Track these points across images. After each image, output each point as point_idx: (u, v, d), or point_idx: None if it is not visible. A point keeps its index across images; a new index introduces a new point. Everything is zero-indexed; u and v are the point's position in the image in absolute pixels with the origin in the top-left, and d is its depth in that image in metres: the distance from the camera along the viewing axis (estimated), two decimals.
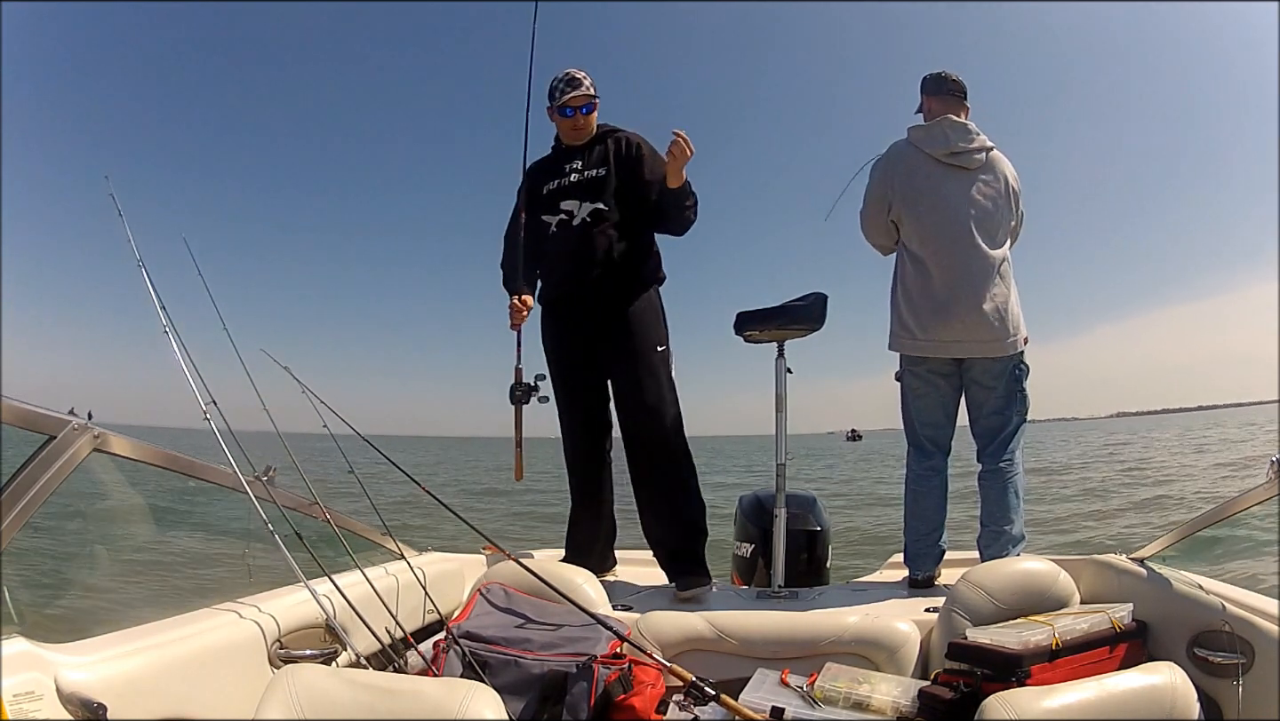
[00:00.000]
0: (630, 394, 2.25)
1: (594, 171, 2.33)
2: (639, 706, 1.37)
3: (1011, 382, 2.25)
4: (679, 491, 2.24)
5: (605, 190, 2.28)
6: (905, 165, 2.30)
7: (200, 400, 1.46)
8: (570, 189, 2.31)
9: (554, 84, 2.31)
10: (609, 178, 2.31)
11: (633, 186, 2.29)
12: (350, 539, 1.67)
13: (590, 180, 2.31)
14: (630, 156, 2.33)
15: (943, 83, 2.35)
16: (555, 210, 2.31)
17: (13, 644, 0.98)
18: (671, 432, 2.24)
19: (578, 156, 2.35)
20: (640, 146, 2.35)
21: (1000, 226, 2.27)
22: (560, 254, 2.31)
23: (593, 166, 2.34)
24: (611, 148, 2.34)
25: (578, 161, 2.35)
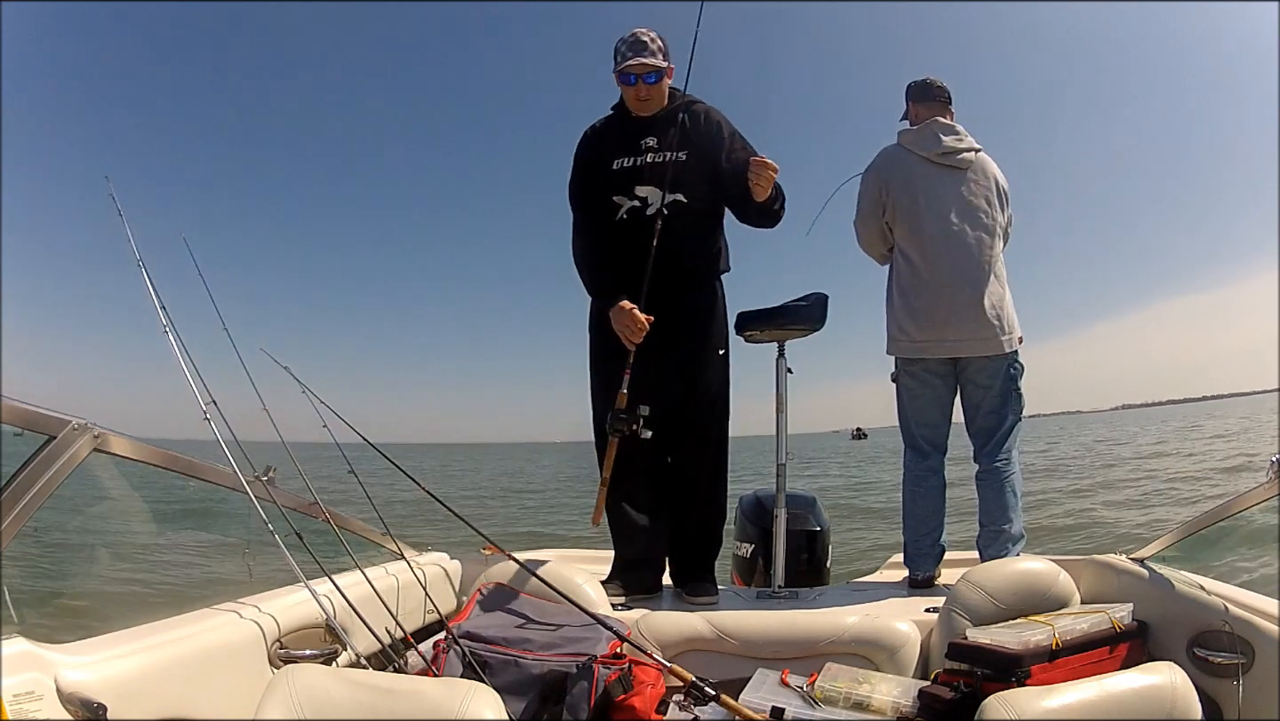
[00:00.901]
0: (683, 395, 2.08)
1: (674, 155, 2.08)
2: (639, 706, 1.37)
3: (1007, 382, 2.27)
4: (709, 504, 2.13)
5: (686, 178, 2.06)
6: (899, 168, 2.33)
7: (200, 400, 1.46)
8: (647, 171, 2.08)
9: (618, 45, 2.06)
10: (690, 163, 2.08)
11: (713, 173, 2.08)
12: (350, 539, 1.67)
13: (670, 165, 2.07)
14: (712, 138, 2.10)
15: (928, 89, 2.40)
16: (628, 193, 2.08)
17: (13, 644, 0.98)
18: (715, 443, 2.12)
19: (652, 132, 2.10)
20: (721, 126, 2.12)
21: (994, 224, 2.30)
22: (630, 243, 2.06)
23: (671, 147, 2.08)
24: (690, 125, 2.10)
25: (652, 139, 2.10)
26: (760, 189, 1.98)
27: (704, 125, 2.11)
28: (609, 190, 2.11)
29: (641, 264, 1.98)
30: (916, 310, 2.27)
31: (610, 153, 2.11)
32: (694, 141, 2.09)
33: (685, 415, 2.08)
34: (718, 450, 2.13)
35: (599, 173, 2.12)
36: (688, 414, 2.09)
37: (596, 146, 2.15)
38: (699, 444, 2.10)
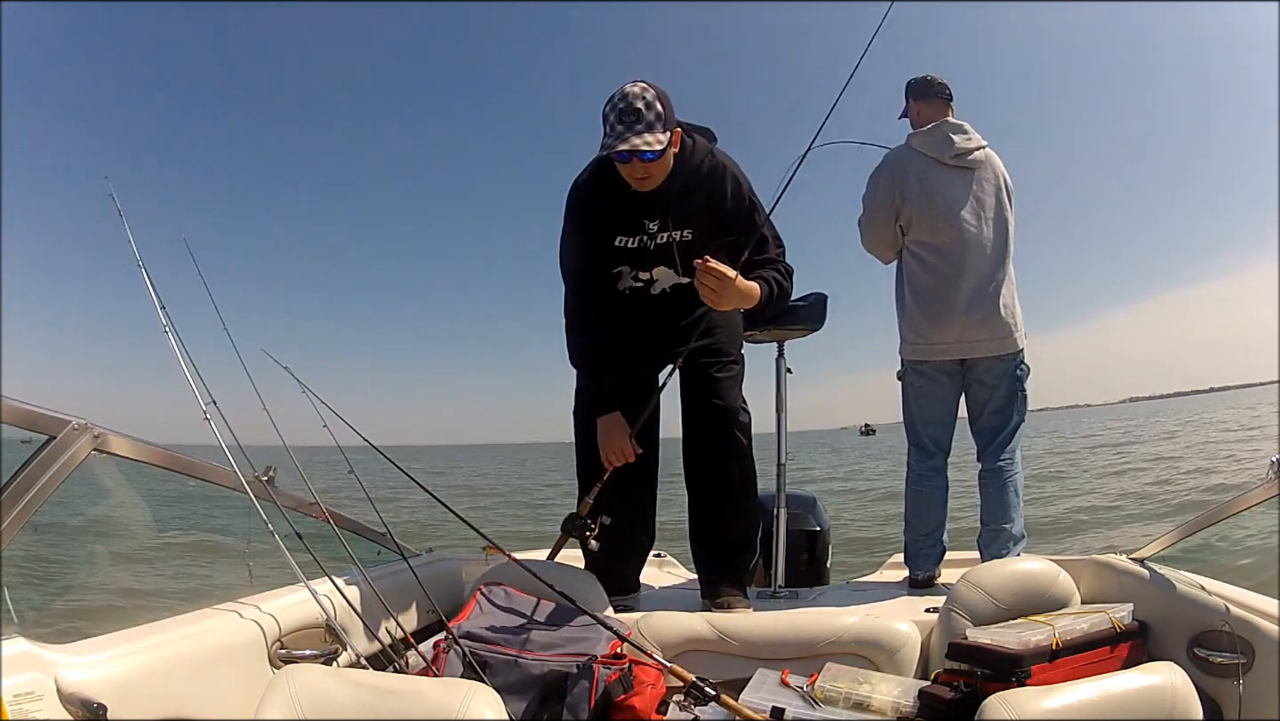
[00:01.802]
0: (701, 392, 1.95)
1: (679, 234, 1.84)
2: (639, 706, 1.37)
3: (1013, 382, 2.28)
4: (748, 514, 2.04)
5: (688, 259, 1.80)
6: (912, 172, 2.31)
7: (200, 400, 1.46)
8: (650, 255, 1.87)
9: (606, 111, 1.67)
10: (697, 241, 1.83)
11: (726, 247, 1.80)
12: (350, 539, 1.67)
13: (675, 246, 1.85)
14: (722, 210, 1.82)
15: (930, 86, 2.38)
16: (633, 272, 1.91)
17: (13, 644, 0.98)
18: (742, 454, 1.98)
19: (653, 211, 1.82)
20: (732, 195, 1.82)
21: (1006, 222, 2.30)
22: (632, 314, 1.94)
23: (677, 225, 1.83)
24: (704, 200, 1.81)
25: (654, 222, 1.83)
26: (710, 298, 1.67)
27: (713, 196, 1.82)
28: (610, 263, 1.91)
29: (650, 333, 1.88)
30: (935, 314, 2.27)
31: (609, 224, 1.86)
32: (702, 215, 1.83)
33: (709, 430, 1.95)
34: (746, 460, 2.01)
35: (599, 244, 1.88)
36: (712, 429, 1.95)
37: (594, 211, 1.86)
38: (728, 457, 1.97)
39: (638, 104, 1.63)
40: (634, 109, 1.63)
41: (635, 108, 1.63)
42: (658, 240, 1.86)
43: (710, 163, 1.81)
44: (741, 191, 1.83)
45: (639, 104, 1.63)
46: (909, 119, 2.42)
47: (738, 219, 1.83)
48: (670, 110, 1.69)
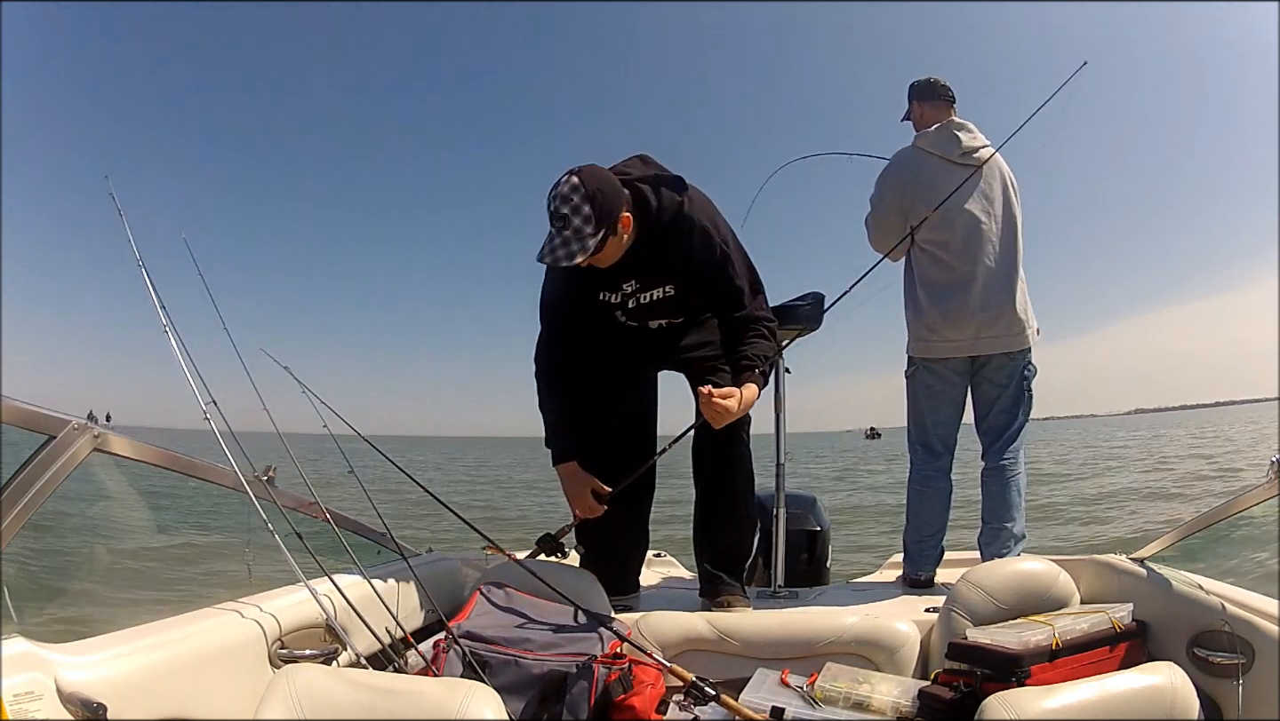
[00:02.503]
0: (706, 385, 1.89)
1: (659, 291, 1.85)
2: (639, 706, 1.37)
3: (1021, 382, 2.29)
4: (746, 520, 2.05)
5: (678, 308, 1.88)
6: (922, 172, 2.32)
7: (200, 400, 1.46)
8: (633, 310, 1.89)
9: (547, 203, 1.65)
10: (679, 295, 1.85)
11: (709, 290, 1.83)
12: (350, 539, 1.67)
13: (655, 304, 1.86)
14: (699, 262, 1.79)
15: (933, 88, 2.40)
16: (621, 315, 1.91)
17: (13, 644, 0.98)
18: (742, 459, 1.98)
19: (629, 272, 1.82)
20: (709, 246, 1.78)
21: (1015, 218, 2.31)
22: (628, 341, 1.94)
23: (653, 285, 1.84)
24: (674, 257, 1.78)
25: (631, 282, 1.84)
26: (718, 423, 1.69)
27: (682, 251, 1.78)
28: (591, 315, 1.91)
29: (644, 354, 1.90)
30: (950, 310, 2.26)
31: (591, 288, 1.85)
32: (676, 271, 1.82)
33: (719, 440, 1.90)
34: (745, 465, 2.00)
35: (581, 295, 1.86)
36: (721, 439, 1.90)
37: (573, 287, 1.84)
38: (729, 464, 1.96)
39: (564, 209, 1.61)
40: (560, 215, 1.61)
41: (562, 213, 1.61)
42: (640, 299, 1.87)
43: (678, 218, 1.76)
44: (712, 243, 1.78)
45: (565, 209, 1.61)
46: (912, 121, 2.44)
47: (712, 270, 1.80)
48: (606, 203, 1.63)
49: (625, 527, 2.07)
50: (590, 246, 1.63)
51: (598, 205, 1.61)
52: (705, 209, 1.81)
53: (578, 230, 1.61)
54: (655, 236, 1.75)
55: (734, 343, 1.82)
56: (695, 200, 1.80)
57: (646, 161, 1.83)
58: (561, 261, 1.63)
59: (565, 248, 1.62)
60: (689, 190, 1.80)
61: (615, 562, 2.05)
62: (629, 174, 1.76)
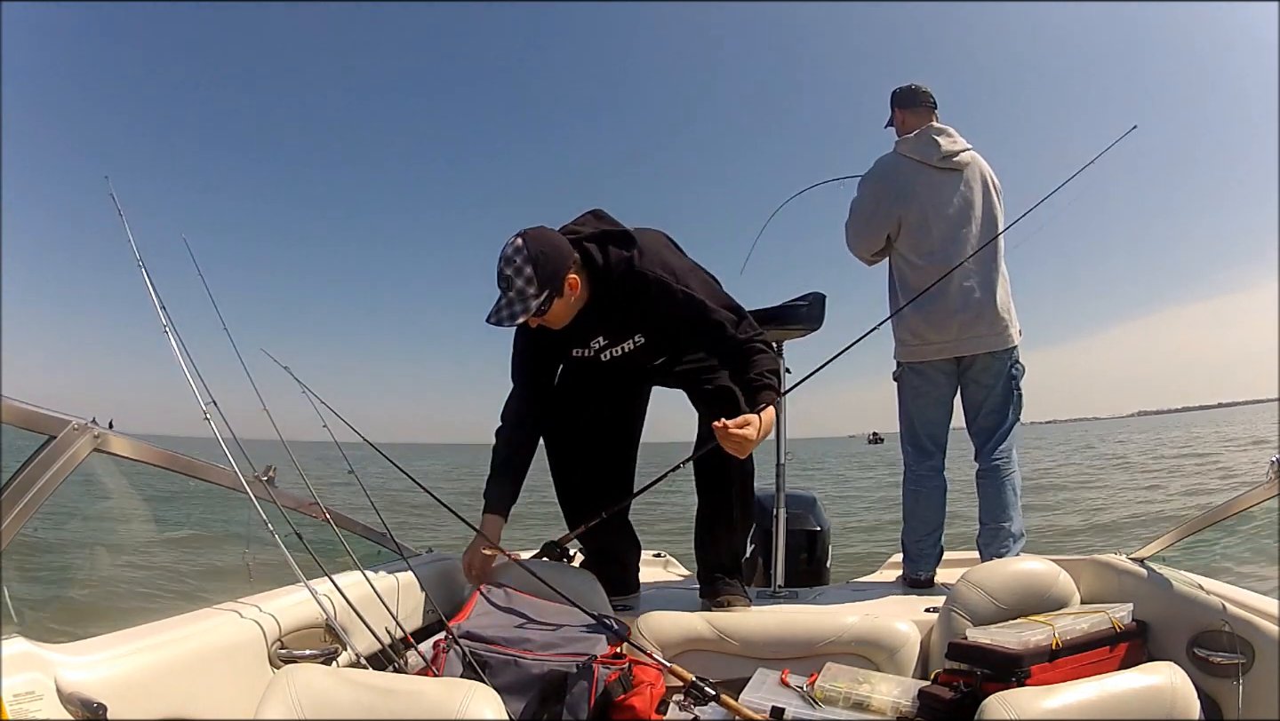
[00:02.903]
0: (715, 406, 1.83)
1: (628, 345, 1.85)
2: (639, 706, 1.37)
3: (1009, 382, 2.30)
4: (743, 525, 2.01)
5: (654, 353, 1.88)
6: (903, 177, 2.34)
7: (200, 400, 1.46)
8: (610, 364, 1.90)
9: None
10: (650, 343, 1.85)
11: (684, 331, 1.81)
12: (350, 539, 1.67)
13: (629, 354, 1.87)
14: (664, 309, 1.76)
15: (915, 95, 2.43)
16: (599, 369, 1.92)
17: (13, 644, 0.98)
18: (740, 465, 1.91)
19: (596, 328, 1.83)
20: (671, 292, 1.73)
21: (996, 220, 2.33)
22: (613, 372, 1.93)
23: (622, 339, 1.85)
24: (635, 313, 1.79)
25: (599, 338, 1.85)
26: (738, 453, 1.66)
27: (640, 307, 1.77)
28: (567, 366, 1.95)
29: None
30: (930, 313, 2.28)
31: (560, 346, 1.88)
32: (645, 322, 1.82)
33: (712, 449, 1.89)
34: (747, 475, 1.97)
35: (550, 353, 1.90)
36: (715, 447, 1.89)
37: (540, 347, 1.87)
38: (731, 476, 1.92)
39: (508, 271, 1.63)
40: (504, 276, 1.63)
41: (505, 275, 1.63)
42: (611, 352, 1.87)
43: (629, 275, 1.74)
44: (671, 292, 1.74)
45: (509, 271, 1.63)
46: (894, 127, 2.47)
47: (681, 316, 1.77)
48: (549, 264, 1.64)
49: (620, 528, 2.09)
50: (533, 307, 1.64)
51: (540, 267, 1.63)
52: (657, 259, 1.76)
53: (521, 291, 1.63)
54: (609, 294, 1.75)
55: (737, 370, 1.78)
56: (646, 252, 1.76)
57: (600, 217, 1.81)
58: (505, 323, 1.65)
59: (509, 309, 1.64)
60: (638, 244, 1.76)
61: (614, 562, 2.07)
62: (580, 232, 1.75)
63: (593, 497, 1.92)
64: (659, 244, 1.83)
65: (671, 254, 1.84)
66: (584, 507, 1.92)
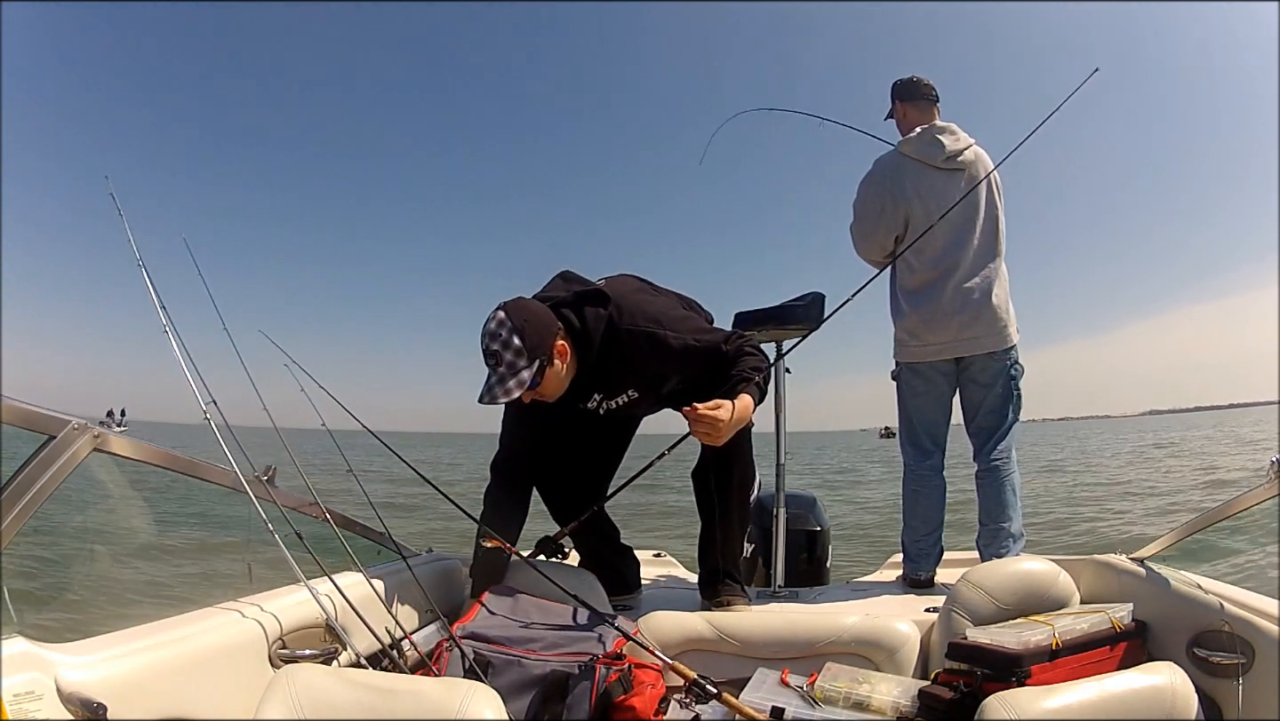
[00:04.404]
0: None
1: (622, 398, 1.86)
2: (639, 706, 1.37)
3: (1008, 381, 2.29)
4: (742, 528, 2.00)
5: (648, 401, 1.89)
6: (906, 179, 2.32)
7: (200, 400, 1.46)
8: (611, 415, 1.90)
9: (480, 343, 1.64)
10: (645, 395, 1.86)
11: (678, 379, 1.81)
12: (350, 539, 1.67)
13: (627, 405, 1.88)
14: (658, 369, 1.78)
15: (916, 88, 2.38)
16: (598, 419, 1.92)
17: (13, 644, 0.98)
18: (741, 468, 1.91)
19: (591, 387, 1.82)
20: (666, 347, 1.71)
21: (997, 219, 2.31)
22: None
23: (616, 394, 1.85)
24: (624, 368, 1.78)
25: (595, 396, 1.85)
26: (711, 441, 1.62)
27: (628, 362, 1.75)
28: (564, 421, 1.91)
29: None
30: (928, 315, 2.27)
31: (559, 407, 1.82)
32: (637, 376, 1.81)
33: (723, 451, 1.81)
34: (748, 473, 1.94)
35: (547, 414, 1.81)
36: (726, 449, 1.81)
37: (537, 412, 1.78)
38: (734, 476, 1.91)
39: (495, 345, 1.59)
40: (492, 351, 1.59)
41: (493, 350, 1.59)
42: (610, 404, 1.87)
43: (613, 335, 1.71)
44: (659, 343, 1.71)
45: (496, 345, 1.59)
46: (894, 120, 2.44)
47: (669, 366, 1.76)
48: (535, 333, 1.61)
49: (608, 528, 2.11)
50: (526, 379, 1.59)
51: (527, 336, 1.59)
52: (637, 311, 1.73)
53: (511, 365, 1.58)
54: (598, 354, 1.72)
55: (725, 375, 1.74)
56: (623, 307, 1.73)
57: (568, 279, 1.80)
58: (500, 399, 1.59)
59: (502, 385, 1.59)
60: (613, 300, 1.73)
61: (613, 563, 2.08)
62: (553, 297, 1.73)
63: (579, 499, 1.94)
64: (632, 293, 1.79)
65: (647, 298, 1.81)
66: (571, 507, 1.93)
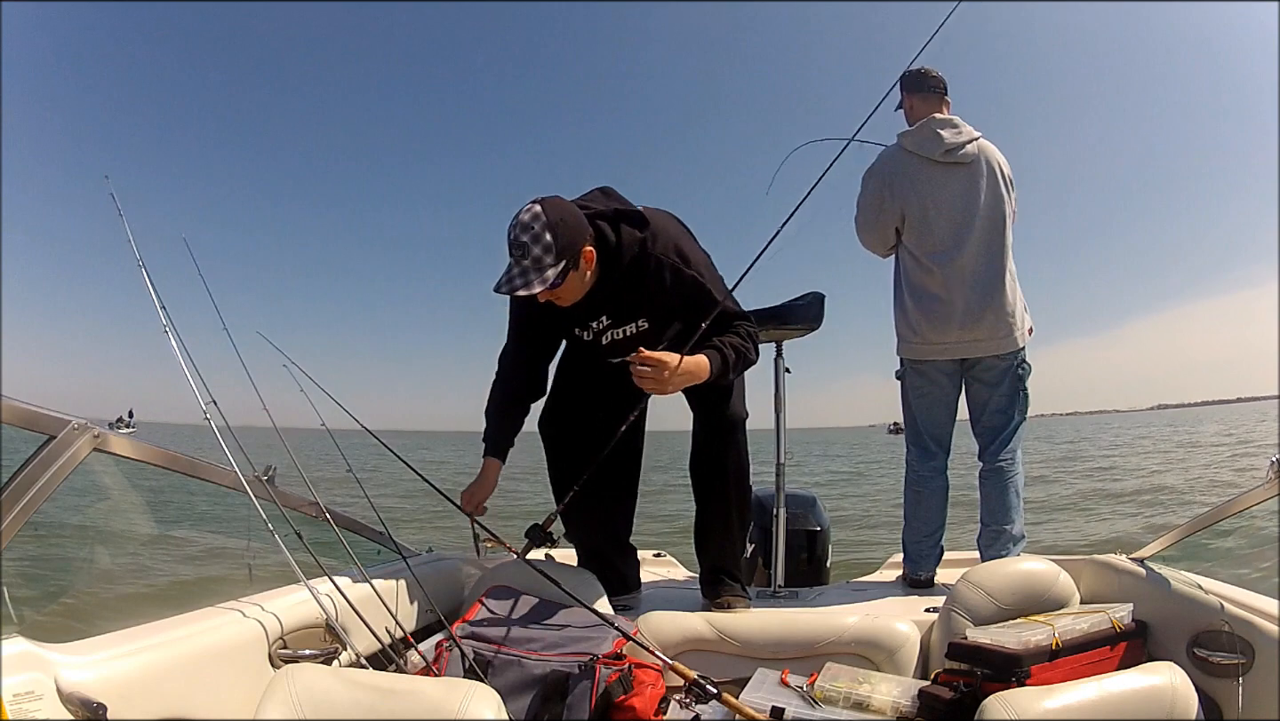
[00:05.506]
0: (708, 401, 1.88)
1: (633, 326, 1.80)
2: (639, 706, 1.37)
3: (1015, 381, 2.26)
4: (741, 527, 2.00)
5: (657, 339, 1.80)
6: (906, 172, 2.29)
7: (200, 400, 1.46)
8: (609, 348, 1.85)
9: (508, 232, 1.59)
10: (654, 329, 1.80)
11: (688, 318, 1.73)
12: (350, 539, 1.67)
13: (630, 339, 1.81)
14: (671, 295, 1.74)
15: (924, 79, 2.34)
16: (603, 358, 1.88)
17: (13, 644, 0.98)
18: (736, 464, 1.91)
19: (602, 307, 1.78)
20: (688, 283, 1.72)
21: (1004, 215, 2.27)
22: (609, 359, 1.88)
23: (625, 320, 1.79)
24: (642, 294, 1.74)
25: (604, 317, 1.79)
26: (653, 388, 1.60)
27: (649, 288, 1.73)
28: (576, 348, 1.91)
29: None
30: (932, 314, 2.25)
31: (564, 324, 1.82)
32: (651, 307, 1.76)
33: (717, 444, 1.89)
34: (744, 469, 1.94)
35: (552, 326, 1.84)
36: (719, 442, 1.89)
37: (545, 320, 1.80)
38: (729, 471, 1.91)
39: (524, 237, 1.54)
40: (520, 243, 1.55)
41: (521, 241, 1.55)
42: (614, 335, 1.82)
43: (642, 256, 1.71)
44: (682, 277, 1.72)
45: (525, 237, 1.54)
46: (903, 112, 2.39)
47: (686, 302, 1.73)
48: (568, 233, 1.57)
49: (615, 530, 2.09)
50: (549, 277, 1.56)
51: (559, 235, 1.55)
52: (670, 242, 1.74)
53: (537, 260, 1.55)
54: (618, 275, 1.70)
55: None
56: (659, 235, 1.73)
57: (609, 194, 1.77)
58: (519, 290, 1.56)
59: (524, 277, 1.55)
60: (651, 226, 1.72)
61: (613, 563, 2.07)
62: (590, 207, 1.70)
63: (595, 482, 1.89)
64: (672, 227, 1.78)
65: (684, 239, 1.80)
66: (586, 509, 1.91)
